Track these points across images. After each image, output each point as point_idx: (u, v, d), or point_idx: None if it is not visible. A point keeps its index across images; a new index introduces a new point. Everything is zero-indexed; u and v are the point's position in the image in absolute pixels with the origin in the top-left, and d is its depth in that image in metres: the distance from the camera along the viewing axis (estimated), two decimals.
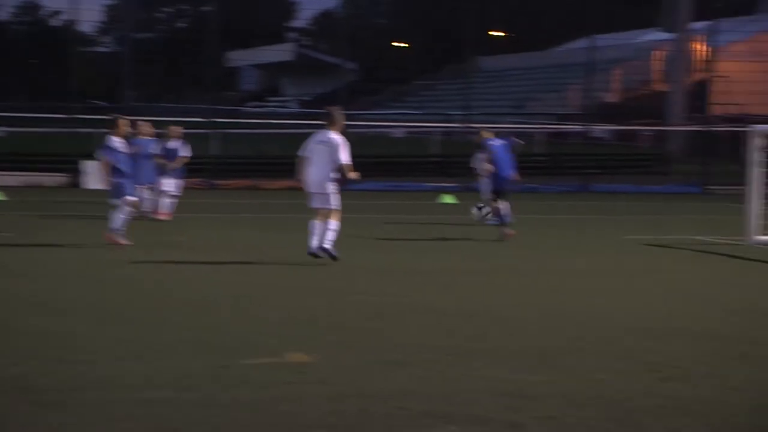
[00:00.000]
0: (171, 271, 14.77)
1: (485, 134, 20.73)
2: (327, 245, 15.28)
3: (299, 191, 16.11)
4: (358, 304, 11.90)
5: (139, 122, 23.47)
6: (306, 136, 16.07)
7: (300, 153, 15.62)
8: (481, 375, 8.46)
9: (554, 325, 10.78)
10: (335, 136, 15.33)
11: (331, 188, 15.38)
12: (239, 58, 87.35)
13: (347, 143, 15.44)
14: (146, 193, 22.10)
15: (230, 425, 7.03)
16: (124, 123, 17.73)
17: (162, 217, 22.27)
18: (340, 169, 15.34)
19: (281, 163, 37.19)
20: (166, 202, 22.62)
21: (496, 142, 20.08)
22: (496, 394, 7.87)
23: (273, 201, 27.68)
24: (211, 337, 9.86)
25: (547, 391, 7.97)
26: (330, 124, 15.48)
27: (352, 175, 15.32)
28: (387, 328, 10.44)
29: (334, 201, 15.41)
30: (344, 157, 15.27)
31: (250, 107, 78.92)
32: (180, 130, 23.38)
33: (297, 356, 9.05)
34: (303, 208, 16.13)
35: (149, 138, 22.55)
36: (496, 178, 19.60)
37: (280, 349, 9.28)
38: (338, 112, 15.65)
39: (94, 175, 30.58)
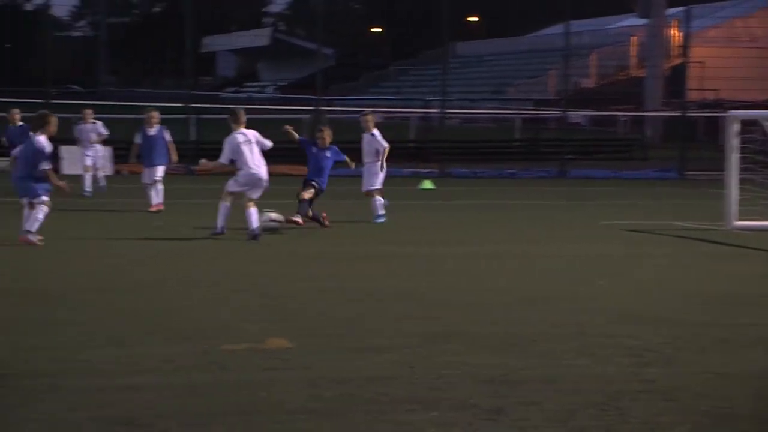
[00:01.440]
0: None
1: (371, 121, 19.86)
2: (257, 227, 16.29)
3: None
4: (332, 291, 11.86)
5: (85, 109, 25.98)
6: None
7: (223, 161, 16.81)
8: (462, 361, 8.46)
9: (537, 311, 10.79)
10: (249, 131, 16.79)
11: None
12: (216, 43, 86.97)
13: None
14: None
15: (213, 410, 7.01)
16: (54, 121, 15.87)
17: (154, 210, 21.26)
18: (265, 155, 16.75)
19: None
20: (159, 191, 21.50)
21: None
22: (478, 379, 7.87)
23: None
24: (186, 322, 9.84)
25: (529, 377, 7.98)
26: (238, 123, 16.82)
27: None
28: (363, 315, 10.42)
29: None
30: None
31: (228, 92, 78.64)
32: (158, 116, 22.59)
33: (278, 341, 9.04)
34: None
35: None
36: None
37: (260, 335, 9.26)
38: (243, 112, 17.19)
39: (70, 160, 30.38)
